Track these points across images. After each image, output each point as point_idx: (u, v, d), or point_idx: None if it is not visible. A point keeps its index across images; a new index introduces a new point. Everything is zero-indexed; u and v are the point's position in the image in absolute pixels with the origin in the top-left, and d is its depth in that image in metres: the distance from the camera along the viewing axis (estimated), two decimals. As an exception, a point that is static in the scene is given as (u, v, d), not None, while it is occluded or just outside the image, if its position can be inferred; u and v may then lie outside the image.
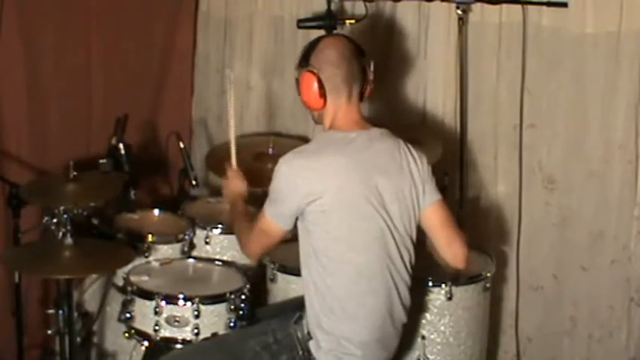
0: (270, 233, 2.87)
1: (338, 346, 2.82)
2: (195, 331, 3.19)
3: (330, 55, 2.83)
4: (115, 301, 3.47)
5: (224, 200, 3.28)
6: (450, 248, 2.93)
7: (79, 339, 3.46)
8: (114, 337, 3.56)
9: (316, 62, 2.83)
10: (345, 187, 2.76)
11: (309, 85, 2.83)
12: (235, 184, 3.19)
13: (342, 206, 2.76)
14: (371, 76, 2.90)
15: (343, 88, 2.84)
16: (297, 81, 2.90)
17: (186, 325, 3.20)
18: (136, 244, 3.49)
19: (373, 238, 2.80)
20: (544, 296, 3.81)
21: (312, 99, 2.84)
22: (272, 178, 2.83)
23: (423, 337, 3.29)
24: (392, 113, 3.96)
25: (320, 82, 2.82)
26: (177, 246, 3.58)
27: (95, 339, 3.68)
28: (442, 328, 3.31)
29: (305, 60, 2.86)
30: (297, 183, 2.76)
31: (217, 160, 3.94)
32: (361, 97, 2.89)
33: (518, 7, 3.59)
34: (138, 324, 3.26)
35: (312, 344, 2.85)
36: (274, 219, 2.84)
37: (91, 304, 3.70)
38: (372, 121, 2.96)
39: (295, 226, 2.85)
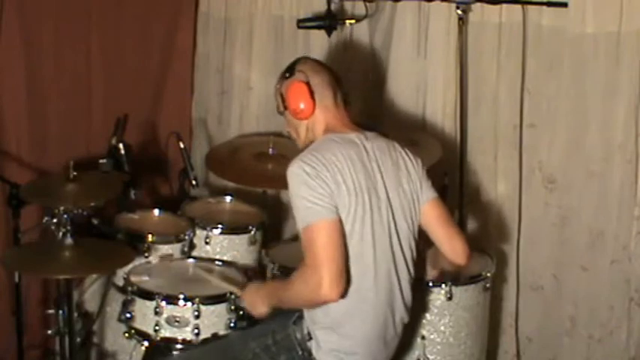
0: (334, 232, 2.68)
1: (339, 345, 2.81)
2: (196, 331, 3.19)
3: (312, 64, 2.94)
4: (115, 301, 3.47)
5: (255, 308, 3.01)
6: (449, 244, 2.95)
7: (79, 339, 3.46)
8: (114, 337, 3.56)
9: (301, 70, 2.89)
10: (355, 182, 2.76)
11: (299, 93, 2.87)
12: (254, 294, 3.00)
13: (355, 200, 2.76)
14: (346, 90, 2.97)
15: (328, 92, 2.90)
16: (282, 96, 2.92)
17: (187, 325, 3.20)
18: (136, 244, 3.49)
19: (379, 234, 2.80)
20: (544, 296, 3.81)
21: (304, 105, 2.86)
22: (290, 189, 2.73)
23: (423, 337, 3.29)
24: (392, 113, 3.96)
25: (309, 86, 2.86)
26: (177, 246, 3.58)
27: (95, 339, 3.68)
28: (442, 328, 3.31)
29: (289, 72, 2.92)
30: (319, 175, 2.71)
31: (217, 160, 3.95)
32: (345, 105, 2.94)
33: (518, 7, 3.59)
34: (138, 324, 3.26)
35: (312, 344, 2.84)
36: (323, 217, 2.68)
37: (91, 304, 3.70)
38: (371, 121, 2.98)
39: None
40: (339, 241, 2.69)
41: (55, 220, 3.25)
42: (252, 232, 3.66)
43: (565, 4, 3.48)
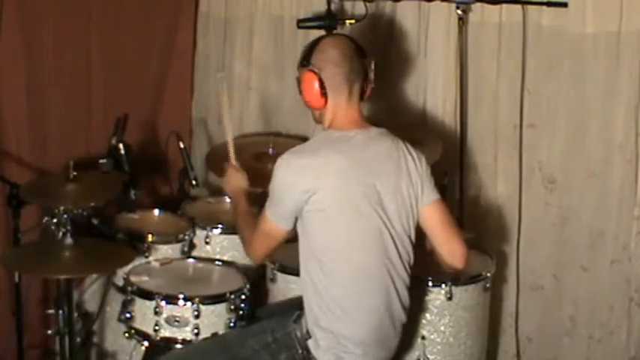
0: (272, 234, 2.88)
1: (337, 344, 2.82)
2: (195, 331, 3.20)
3: (332, 54, 2.84)
4: (115, 301, 3.47)
5: (227, 198, 3.25)
6: (448, 247, 2.93)
7: (79, 339, 3.46)
8: (114, 337, 3.56)
9: (317, 61, 2.83)
10: (344, 185, 2.76)
11: (310, 85, 2.84)
12: (236, 179, 3.21)
13: (341, 204, 2.76)
14: (372, 76, 2.91)
15: (344, 87, 2.85)
16: (298, 80, 2.90)
17: (186, 325, 3.20)
18: (136, 244, 3.49)
19: (371, 237, 2.80)
20: (544, 296, 3.81)
21: (314, 98, 2.85)
22: (273, 177, 2.84)
23: (423, 337, 3.29)
24: (392, 113, 3.96)
25: (321, 81, 2.82)
26: (177, 246, 3.58)
27: (95, 339, 3.68)
28: (442, 328, 3.31)
29: (306, 59, 2.86)
30: (295, 181, 2.77)
31: (217, 160, 3.95)
32: (362, 97, 2.90)
33: (518, 7, 3.59)
34: (138, 324, 3.26)
35: (311, 343, 2.85)
36: (274, 220, 2.85)
37: (91, 304, 3.71)
38: (372, 120, 2.97)
39: (295, 226, 2.85)
40: (275, 245, 2.91)
41: (55, 220, 3.25)
42: (252, 232, 3.66)
43: (565, 4, 3.48)
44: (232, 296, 3.25)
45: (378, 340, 2.86)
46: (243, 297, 3.28)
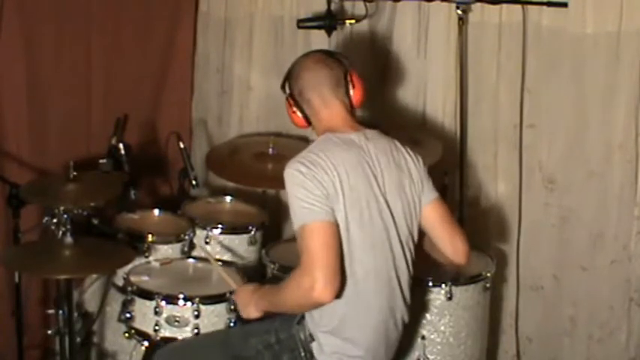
0: (327, 236, 2.67)
1: (341, 348, 2.80)
2: (195, 331, 3.19)
3: (304, 78, 2.88)
4: (115, 301, 3.47)
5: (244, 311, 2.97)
6: (451, 244, 2.93)
7: (79, 339, 3.46)
8: (114, 337, 3.56)
9: (293, 88, 2.90)
10: (353, 185, 2.75)
11: (292, 111, 2.92)
12: (244, 295, 2.96)
13: (353, 204, 2.74)
14: (356, 82, 2.90)
15: (324, 102, 2.87)
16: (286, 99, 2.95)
17: (186, 325, 3.20)
18: (136, 244, 3.49)
19: (379, 237, 2.79)
20: (544, 296, 3.81)
21: (297, 120, 2.93)
22: (287, 189, 2.73)
23: (423, 337, 3.29)
24: (392, 113, 3.96)
25: (301, 109, 2.88)
26: (177, 246, 3.58)
27: (95, 339, 3.68)
28: (442, 328, 3.31)
29: (284, 87, 2.94)
30: (310, 172, 2.70)
31: (217, 160, 3.95)
32: (351, 103, 2.90)
33: (518, 7, 3.59)
34: (138, 324, 3.26)
35: (314, 346, 2.83)
36: (319, 218, 2.67)
37: (91, 304, 3.71)
38: (370, 120, 2.97)
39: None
40: (333, 242, 2.68)
41: (55, 220, 3.25)
42: (252, 232, 3.66)
43: (565, 4, 3.48)
44: (232, 296, 3.24)
45: (382, 341, 2.85)
46: (243, 297, 3.28)
